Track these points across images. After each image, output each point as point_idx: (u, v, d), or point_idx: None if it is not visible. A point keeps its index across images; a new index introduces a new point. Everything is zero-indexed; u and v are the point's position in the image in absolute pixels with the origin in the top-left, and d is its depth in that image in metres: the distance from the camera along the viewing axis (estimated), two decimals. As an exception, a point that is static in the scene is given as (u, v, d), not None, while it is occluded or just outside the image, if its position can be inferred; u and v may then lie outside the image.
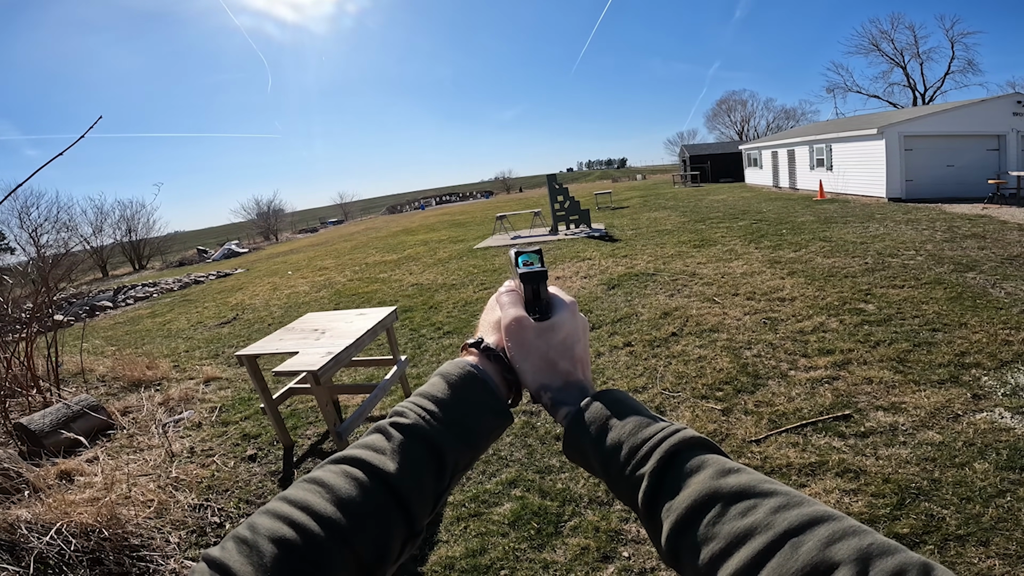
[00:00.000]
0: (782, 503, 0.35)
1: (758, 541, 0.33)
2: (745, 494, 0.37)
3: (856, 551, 0.30)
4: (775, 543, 0.33)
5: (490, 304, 0.63)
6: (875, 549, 0.30)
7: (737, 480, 0.38)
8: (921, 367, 3.61)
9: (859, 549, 0.30)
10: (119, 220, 33.52)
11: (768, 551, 0.33)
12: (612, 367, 4.31)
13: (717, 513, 0.37)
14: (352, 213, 64.21)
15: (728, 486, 0.38)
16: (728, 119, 65.21)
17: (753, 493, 0.37)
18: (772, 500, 0.36)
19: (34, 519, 2.34)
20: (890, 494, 2.40)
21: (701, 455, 0.42)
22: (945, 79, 40.87)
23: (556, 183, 13.54)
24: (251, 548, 0.35)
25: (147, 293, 13.86)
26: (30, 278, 7.14)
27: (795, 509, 0.35)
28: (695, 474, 0.40)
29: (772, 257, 7.51)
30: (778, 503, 0.36)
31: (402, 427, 0.47)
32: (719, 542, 0.35)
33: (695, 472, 0.41)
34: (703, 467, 0.41)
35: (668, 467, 0.42)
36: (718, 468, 0.40)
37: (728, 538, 0.35)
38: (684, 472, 0.41)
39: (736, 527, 0.35)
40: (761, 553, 0.33)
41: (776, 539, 0.33)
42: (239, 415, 4.15)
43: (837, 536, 0.32)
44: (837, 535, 0.32)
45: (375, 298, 8.28)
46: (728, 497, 0.37)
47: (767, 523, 0.34)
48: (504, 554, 2.36)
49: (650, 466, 0.43)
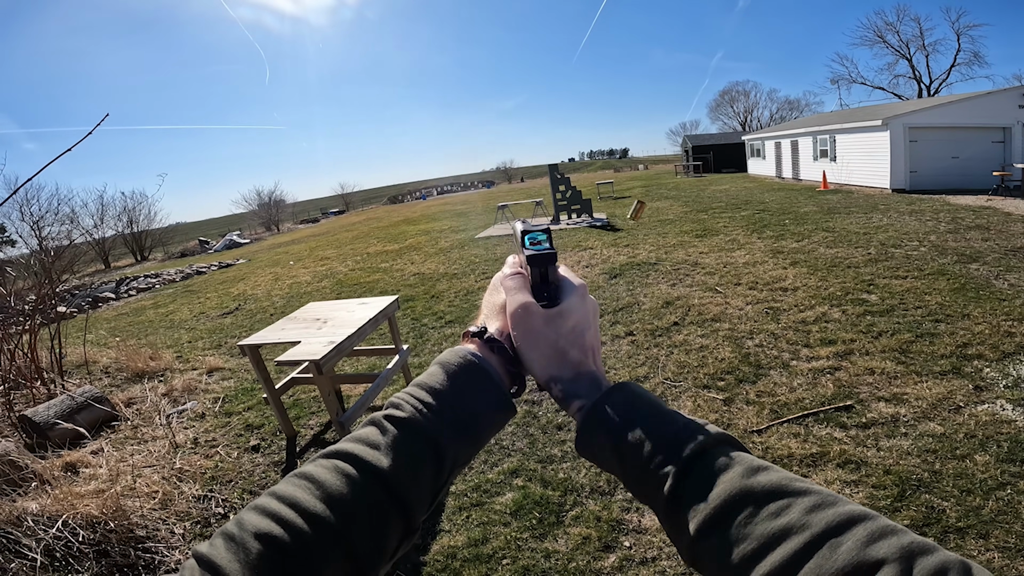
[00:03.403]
0: (816, 502, 0.35)
1: (795, 541, 0.33)
2: (777, 493, 0.36)
3: (898, 549, 0.30)
4: (812, 543, 0.32)
5: (493, 284, 0.60)
6: (916, 547, 0.30)
7: (768, 479, 0.38)
8: (923, 358, 3.60)
9: (901, 547, 0.30)
10: (121, 212, 33.56)
11: (806, 551, 0.32)
12: (614, 356, 4.31)
13: (749, 513, 0.36)
14: (353, 203, 64.09)
15: (759, 485, 0.37)
16: (731, 110, 64.62)
17: (786, 492, 0.36)
18: (806, 499, 0.35)
19: (41, 511, 2.36)
20: (891, 485, 2.40)
21: (728, 453, 0.41)
22: (951, 71, 40.35)
23: (558, 173, 13.47)
24: (238, 545, 0.35)
25: (149, 284, 13.90)
26: (33, 270, 7.15)
27: (830, 508, 0.34)
28: (724, 472, 0.39)
29: (775, 247, 7.49)
30: (812, 502, 0.35)
31: (397, 420, 0.45)
32: (752, 542, 0.35)
33: (723, 471, 0.40)
34: (731, 465, 0.40)
35: (694, 465, 0.41)
36: (747, 466, 0.39)
37: (762, 539, 0.34)
38: (712, 470, 0.40)
39: (770, 527, 0.35)
40: (798, 553, 0.32)
41: (813, 539, 0.33)
42: (242, 405, 4.17)
43: (876, 535, 0.31)
44: (876, 534, 0.31)
45: (377, 288, 8.29)
46: (760, 496, 0.37)
47: (803, 523, 0.34)
48: (506, 543, 2.37)
49: (676, 464, 0.41)
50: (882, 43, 43.04)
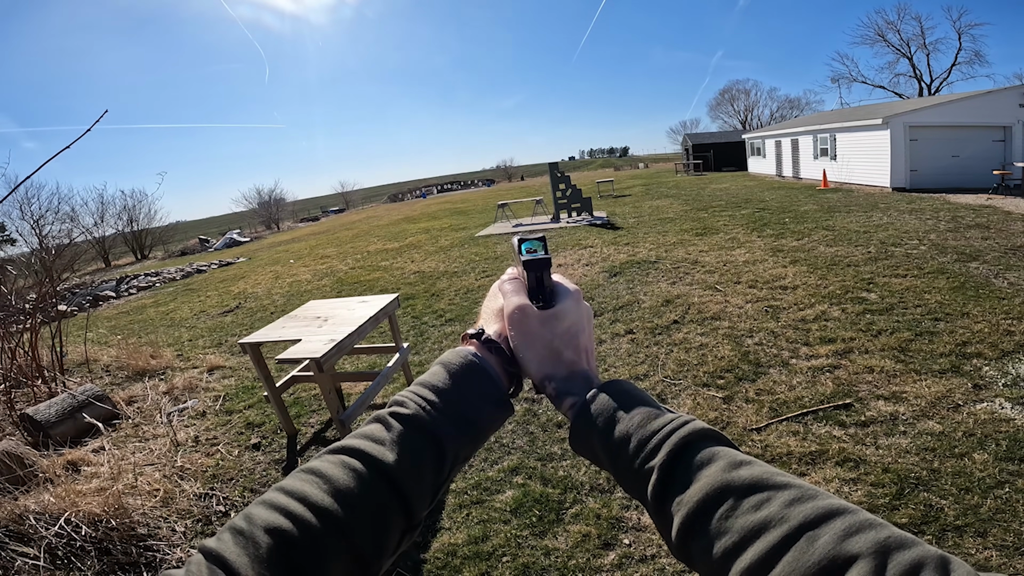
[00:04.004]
0: (796, 496, 0.35)
1: (773, 535, 0.33)
2: (758, 487, 0.37)
3: (874, 544, 0.30)
4: (790, 536, 0.33)
5: (492, 292, 0.61)
6: (892, 542, 0.30)
7: (749, 473, 0.38)
8: (922, 356, 3.61)
9: (876, 542, 0.30)
10: (121, 210, 33.55)
11: (783, 545, 0.32)
12: (614, 354, 4.32)
13: (730, 507, 0.36)
14: (354, 202, 64.00)
15: (740, 479, 0.38)
16: (731, 108, 64.48)
17: (766, 486, 0.37)
18: (786, 493, 0.36)
19: (43, 509, 2.37)
20: (889, 484, 2.41)
21: (711, 447, 0.42)
22: (952, 70, 40.27)
23: (558, 171, 13.48)
24: (247, 539, 0.35)
25: (150, 282, 13.90)
26: (33, 269, 7.16)
27: (809, 502, 0.34)
28: (706, 467, 0.40)
29: (774, 246, 7.49)
30: (792, 496, 0.35)
31: (402, 417, 0.46)
32: (732, 536, 0.35)
33: (706, 465, 0.40)
34: (714, 460, 0.40)
35: (678, 460, 0.41)
36: (729, 461, 0.40)
37: (742, 532, 0.35)
38: (694, 465, 0.40)
39: (750, 521, 0.35)
40: (776, 547, 0.33)
41: (791, 532, 0.33)
42: (243, 404, 4.18)
43: (854, 529, 0.31)
44: (854, 528, 0.31)
45: (377, 286, 8.29)
46: (740, 490, 0.37)
47: (781, 516, 0.34)
48: (506, 541, 2.38)
49: (659, 459, 0.42)
50: (883, 42, 43.00)
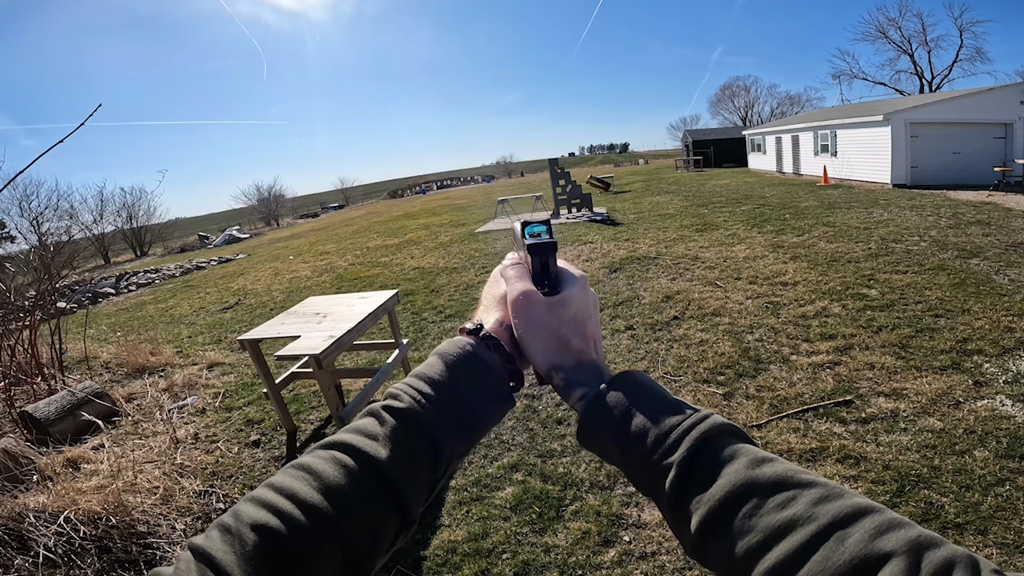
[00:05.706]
0: (823, 495, 0.34)
1: (801, 534, 0.33)
2: (783, 485, 0.36)
3: (906, 542, 0.30)
4: (819, 535, 0.32)
5: (493, 277, 0.58)
6: (924, 540, 0.30)
7: (773, 470, 0.37)
8: (923, 353, 3.60)
9: (908, 540, 0.30)
10: (120, 207, 33.54)
11: (812, 543, 0.32)
12: (614, 350, 4.32)
13: (754, 505, 0.35)
14: (353, 198, 63.98)
15: (764, 476, 0.37)
16: (732, 105, 64.44)
17: (791, 484, 0.36)
18: (812, 492, 0.35)
19: (43, 507, 2.37)
20: (890, 481, 2.41)
21: (733, 444, 0.40)
22: (953, 67, 40.20)
23: (558, 167, 13.45)
24: (234, 537, 0.35)
25: (149, 279, 13.88)
26: (32, 266, 7.14)
27: (837, 501, 0.34)
28: (728, 464, 0.39)
29: (775, 242, 7.48)
30: (819, 495, 0.34)
31: (396, 411, 0.44)
32: (757, 535, 0.34)
33: (728, 462, 0.39)
34: (736, 456, 0.39)
35: (698, 456, 0.40)
36: (752, 458, 0.39)
37: (767, 531, 0.34)
38: (717, 462, 0.39)
39: (776, 519, 0.34)
40: (804, 546, 0.32)
41: (820, 531, 0.32)
42: (242, 400, 4.18)
43: (884, 528, 0.31)
44: (884, 527, 0.31)
45: (377, 282, 8.28)
46: (765, 488, 0.36)
47: (809, 515, 0.33)
48: (506, 538, 2.38)
49: (679, 455, 0.40)
50: (884, 39, 42.93)
